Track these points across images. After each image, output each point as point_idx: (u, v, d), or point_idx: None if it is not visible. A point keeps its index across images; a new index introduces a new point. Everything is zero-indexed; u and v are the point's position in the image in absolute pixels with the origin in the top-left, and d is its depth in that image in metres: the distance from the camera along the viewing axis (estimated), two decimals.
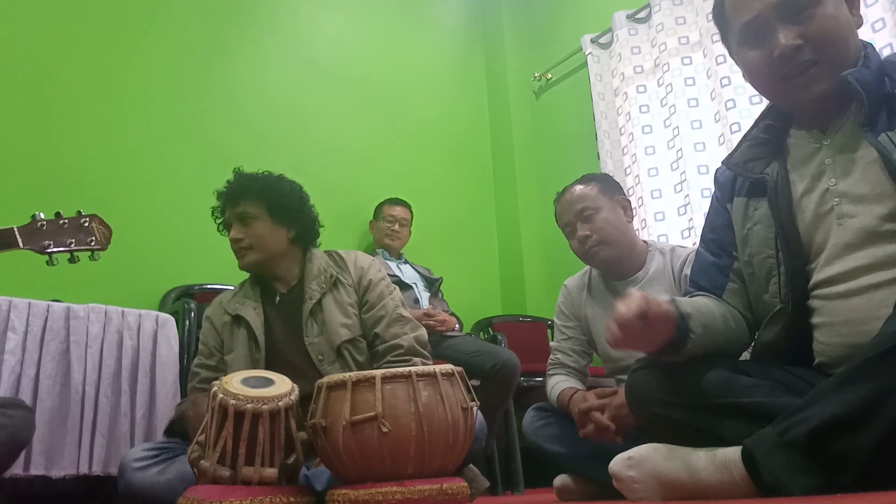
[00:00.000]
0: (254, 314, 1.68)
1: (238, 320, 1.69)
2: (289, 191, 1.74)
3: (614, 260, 1.79)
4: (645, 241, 1.87)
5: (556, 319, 1.97)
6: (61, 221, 1.40)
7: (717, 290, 1.23)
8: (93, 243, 1.42)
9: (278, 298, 1.72)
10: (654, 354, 1.11)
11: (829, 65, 1.07)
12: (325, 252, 1.81)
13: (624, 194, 1.89)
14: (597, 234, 1.76)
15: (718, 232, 1.27)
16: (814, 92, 1.08)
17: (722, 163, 1.29)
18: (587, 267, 1.93)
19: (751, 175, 1.19)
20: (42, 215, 1.38)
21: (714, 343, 1.12)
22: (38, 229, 1.37)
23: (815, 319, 1.10)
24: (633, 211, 1.90)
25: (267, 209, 1.69)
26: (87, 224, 1.42)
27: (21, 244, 1.34)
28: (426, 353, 1.69)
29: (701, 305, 1.15)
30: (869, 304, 1.01)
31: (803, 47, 1.06)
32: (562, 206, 1.86)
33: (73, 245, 1.40)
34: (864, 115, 1.04)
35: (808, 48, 1.06)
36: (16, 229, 1.35)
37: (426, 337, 1.73)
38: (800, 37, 1.06)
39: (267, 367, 1.59)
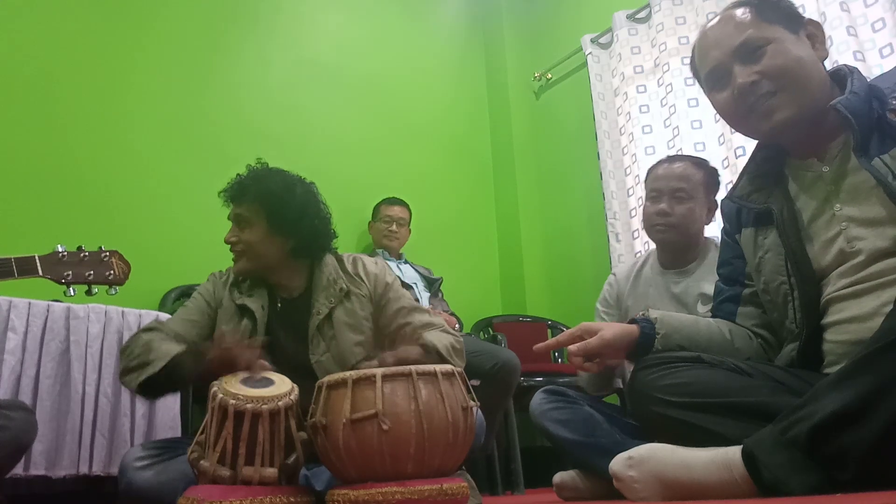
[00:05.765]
0: (261, 312, 1.58)
1: (243, 310, 1.59)
2: (291, 199, 1.57)
3: (673, 246, 1.82)
4: (707, 237, 1.89)
5: (598, 306, 1.98)
6: (82, 254, 1.43)
7: (729, 317, 1.30)
8: (111, 277, 1.45)
9: (279, 304, 1.62)
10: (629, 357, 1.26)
11: (788, 93, 1.12)
12: (335, 257, 1.69)
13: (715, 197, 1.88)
14: (675, 218, 1.78)
15: (729, 264, 1.34)
16: (776, 120, 1.13)
17: (726, 196, 1.35)
18: (640, 259, 1.97)
19: (755, 206, 1.24)
20: (63, 248, 1.42)
21: (694, 347, 1.22)
22: (58, 260, 1.40)
23: (825, 320, 1.13)
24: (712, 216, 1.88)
25: (266, 216, 1.56)
26: (106, 258, 1.46)
27: (41, 272, 1.38)
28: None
29: (684, 318, 1.27)
30: (877, 302, 1.03)
31: (759, 82, 1.13)
32: (664, 171, 1.84)
33: (91, 277, 1.43)
34: (857, 141, 1.07)
35: (765, 81, 1.13)
36: (37, 258, 1.38)
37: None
38: (755, 73, 1.13)
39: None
